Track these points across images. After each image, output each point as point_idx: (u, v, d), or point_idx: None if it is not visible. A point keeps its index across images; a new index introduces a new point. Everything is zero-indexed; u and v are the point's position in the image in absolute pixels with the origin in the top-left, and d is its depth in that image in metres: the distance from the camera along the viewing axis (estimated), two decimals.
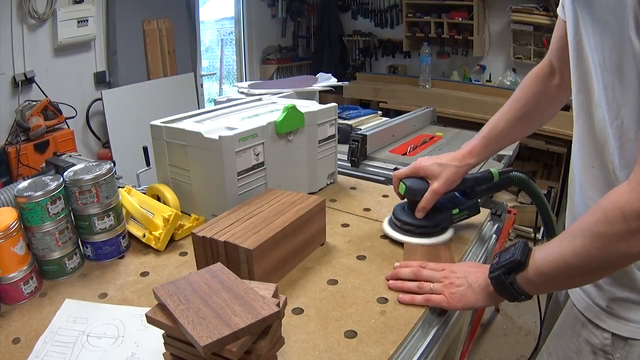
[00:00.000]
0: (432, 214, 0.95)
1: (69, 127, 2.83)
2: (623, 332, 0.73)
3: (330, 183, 1.33)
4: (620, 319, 0.73)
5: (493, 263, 0.74)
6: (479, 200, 1.02)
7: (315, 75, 1.95)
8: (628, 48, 0.60)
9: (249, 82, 1.88)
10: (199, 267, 0.87)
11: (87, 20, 2.89)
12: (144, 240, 1.00)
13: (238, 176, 1.01)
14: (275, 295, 0.63)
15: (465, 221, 1.06)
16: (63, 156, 1.40)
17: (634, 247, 0.58)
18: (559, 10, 0.83)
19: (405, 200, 0.99)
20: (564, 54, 0.82)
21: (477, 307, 0.79)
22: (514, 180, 1.03)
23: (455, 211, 0.98)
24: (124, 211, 1.01)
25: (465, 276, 0.78)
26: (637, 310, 0.72)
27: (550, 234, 1.19)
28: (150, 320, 0.61)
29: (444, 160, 0.95)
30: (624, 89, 0.63)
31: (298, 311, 0.78)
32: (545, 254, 0.67)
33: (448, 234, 0.98)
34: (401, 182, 0.97)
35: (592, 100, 0.70)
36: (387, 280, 0.84)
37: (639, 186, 0.56)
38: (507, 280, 0.70)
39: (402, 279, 0.83)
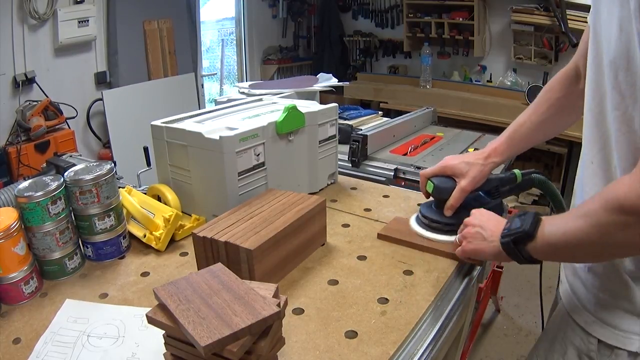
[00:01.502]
0: (460, 212, 0.96)
1: (69, 127, 2.83)
2: (609, 340, 0.72)
3: (331, 183, 1.33)
4: (608, 326, 0.72)
5: (505, 227, 0.76)
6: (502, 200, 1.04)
7: (316, 75, 1.95)
8: (634, 38, 0.60)
9: (249, 83, 1.88)
10: (199, 267, 0.87)
11: (87, 21, 2.89)
12: (144, 240, 1.00)
13: (239, 176, 1.01)
14: (275, 296, 0.63)
15: None
16: (64, 156, 1.40)
17: (631, 239, 0.58)
18: (589, 15, 0.83)
19: (431, 198, 1.02)
20: None
21: (483, 258, 0.85)
22: (535, 182, 1.04)
23: None
24: (124, 211, 1.01)
25: (480, 226, 0.83)
26: (623, 318, 0.71)
27: None
28: (151, 320, 0.61)
29: (470, 158, 0.97)
30: (628, 80, 0.63)
31: (298, 311, 0.78)
32: (553, 229, 0.69)
33: None
34: (429, 181, 0.98)
35: (600, 92, 0.70)
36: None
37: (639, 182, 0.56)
38: (515, 247, 0.73)
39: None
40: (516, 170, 1.03)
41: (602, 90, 0.69)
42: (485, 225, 0.82)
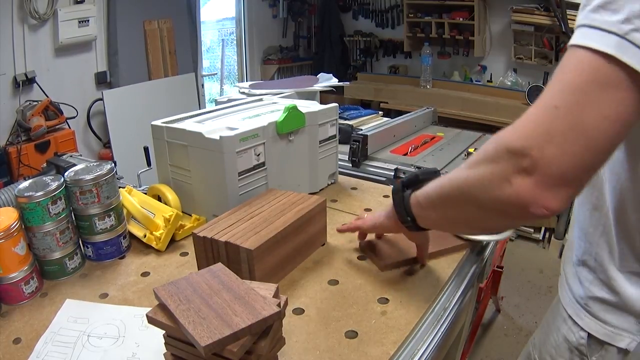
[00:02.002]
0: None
1: (69, 127, 2.83)
2: (599, 335, 0.72)
3: (331, 183, 1.33)
4: (597, 320, 0.73)
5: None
6: None
7: (316, 75, 1.95)
8: None
9: (249, 82, 1.88)
10: (199, 267, 0.87)
11: (88, 21, 2.89)
12: (144, 240, 1.00)
13: (239, 176, 1.01)
14: (276, 296, 0.63)
15: None
16: (64, 156, 1.40)
17: (497, 190, 0.52)
18: None
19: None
20: None
21: (379, 223, 0.85)
22: None
23: None
24: (124, 211, 1.01)
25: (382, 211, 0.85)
26: (613, 313, 0.71)
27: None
28: (151, 320, 0.61)
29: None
30: None
31: (299, 311, 0.78)
32: (436, 180, 0.68)
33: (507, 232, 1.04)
34: None
35: None
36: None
37: (519, 121, 0.51)
38: (403, 192, 0.74)
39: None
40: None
41: None
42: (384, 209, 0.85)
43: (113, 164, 0.97)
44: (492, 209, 0.55)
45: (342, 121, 1.84)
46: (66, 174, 0.92)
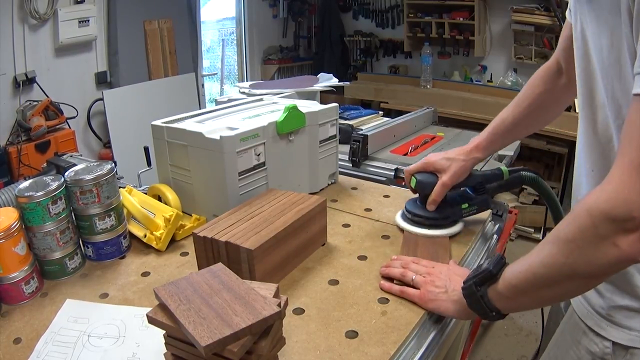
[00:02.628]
0: (442, 207, 0.99)
1: (70, 127, 2.83)
2: (624, 341, 0.71)
3: (331, 183, 1.33)
4: (621, 328, 0.72)
5: (469, 275, 0.71)
6: (491, 197, 1.05)
7: (317, 75, 1.95)
8: (624, 45, 0.59)
9: (250, 82, 1.88)
10: (199, 267, 0.87)
11: (88, 21, 2.89)
12: (145, 240, 1.00)
13: (239, 176, 1.01)
14: (276, 296, 0.63)
15: (467, 221, 1.06)
16: (64, 156, 1.40)
17: (602, 256, 0.54)
18: (567, 12, 0.83)
19: (417, 195, 1.04)
20: (570, 54, 0.82)
21: (446, 315, 0.78)
22: (525, 180, 1.05)
23: (465, 206, 1.01)
24: (125, 211, 1.01)
25: (447, 279, 0.78)
26: (638, 319, 0.70)
27: None
28: (151, 320, 0.61)
29: (452, 154, 0.99)
30: (622, 88, 0.62)
31: (299, 311, 0.78)
32: (515, 266, 0.65)
33: (457, 227, 1.02)
34: (412, 177, 1.01)
35: (595, 100, 0.70)
36: (381, 269, 0.87)
37: (609, 186, 0.53)
38: (478, 292, 0.68)
39: (393, 271, 0.84)
40: (503, 167, 1.04)
41: (597, 99, 0.69)
42: (451, 284, 0.76)
43: (113, 164, 0.97)
44: (599, 275, 0.58)
45: (342, 121, 1.84)
46: (66, 174, 0.92)
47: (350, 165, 1.58)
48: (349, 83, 3.29)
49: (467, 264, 0.96)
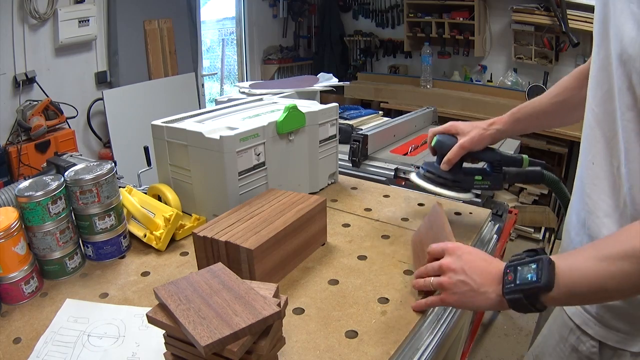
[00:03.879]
0: (456, 171, 1.00)
1: (70, 127, 2.83)
2: (611, 342, 0.71)
3: (331, 183, 1.33)
4: (609, 328, 0.71)
5: (508, 281, 0.65)
6: (507, 182, 1.05)
7: (317, 75, 1.95)
8: None
9: (250, 82, 1.88)
10: (199, 267, 0.87)
11: (88, 20, 2.89)
12: (144, 240, 1.00)
13: (239, 176, 1.01)
14: (276, 295, 0.63)
15: (466, 221, 1.06)
16: (64, 156, 1.40)
17: None
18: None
19: (436, 157, 1.05)
20: None
21: (476, 310, 0.77)
22: (546, 179, 1.05)
23: (478, 178, 1.02)
24: (125, 211, 1.01)
25: (463, 272, 0.70)
26: (626, 319, 0.70)
27: None
28: (151, 320, 0.61)
29: (475, 123, 1.02)
30: None
31: (299, 311, 0.78)
32: (579, 275, 0.61)
33: (464, 195, 1.02)
34: (434, 137, 1.04)
35: (606, 92, 0.68)
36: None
37: None
38: (527, 302, 0.63)
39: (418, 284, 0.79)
40: (524, 156, 1.04)
41: (608, 89, 0.67)
42: (470, 271, 0.69)
43: (113, 164, 0.97)
44: None
45: (342, 121, 1.84)
46: (66, 173, 0.92)
47: (350, 165, 1.58)
48: (348, 83, 3.29)
49: None
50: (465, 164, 1.01)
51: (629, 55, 0.61)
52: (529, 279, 0.62)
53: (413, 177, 1.07)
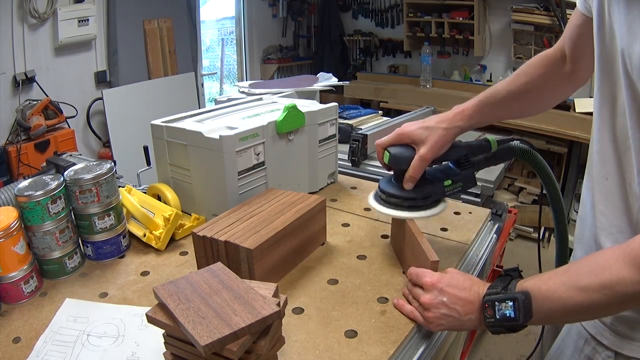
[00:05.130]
0: (422, 185, 0.85)
1: (69, 127, 2.83)
2: (626, 351, 0.71)
3: (331, 183, 1.33)
4: (624, 338, 0.71)
5: (488, 315, 0.67)
6: (476, 171, 0.92)
7: (316, 74, 1.95)
8: None
9: (249, 82, 1.88)
10: (199, 266, 0.87)
11: (87, 20, 2.89)
12: (144, 239, 1.00)
13: (238, 176, 1.01)
14: (275, 295, 0.63)
15: (466, 220, 1.06)
16: (64, 155, 1.40)
17: None
18: (578, 2, 0.78)
19: (392, 172, 0.89)
20: (577, 44, 0.79)
21: (455, 325, 0.73)
22: (516, 151, 0.92)
23: (448, 182, 0.87)
24: (124, 210, 1.01)
25: (452, 309, 0.70)
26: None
27: (558, 212, 1.03)
28: (151, 319, 0.61)
29: (431, 123, 0.84)
30: None
31: (298, 311, 0.78)
32: (556, 305, 0.62)
33: (439, 207, 0.87)
34: (385, 151, 0.86)
35: (616, 107, 0.67)
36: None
37: None
38: (509, 331, 0.67)
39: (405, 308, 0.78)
40: (490, 137, 0.91)
41: (619, 106, 0.66)
42: (453, 305, 0.70)
43: (113, 163, 0.97)
44: None
45: (341, 121, 1.84)
46: (66, 173, 0.92)
47: (350, 164, 1.58)
48: (348, 82, 3.29)
49: (466, 265, 0.96)
50: (426, 167, 0.85)
51: (637, 73, 0.59)
52: (508, 315, 0.65)
53: (373, 202, 0.89)
